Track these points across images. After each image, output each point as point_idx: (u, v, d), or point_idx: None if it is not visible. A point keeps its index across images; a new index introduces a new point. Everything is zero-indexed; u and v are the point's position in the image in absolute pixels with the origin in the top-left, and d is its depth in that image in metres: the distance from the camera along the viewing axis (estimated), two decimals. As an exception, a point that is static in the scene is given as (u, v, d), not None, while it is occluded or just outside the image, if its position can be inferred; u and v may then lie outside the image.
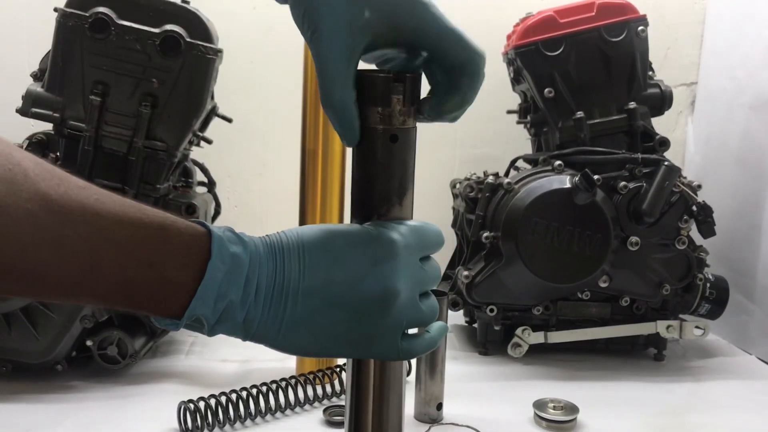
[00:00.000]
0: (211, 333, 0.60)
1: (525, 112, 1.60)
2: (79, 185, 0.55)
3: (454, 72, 0.66)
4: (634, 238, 1.40)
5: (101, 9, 1.24)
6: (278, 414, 1.19)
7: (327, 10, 0.62)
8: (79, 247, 0.53)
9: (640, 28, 1.45)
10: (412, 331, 0.66)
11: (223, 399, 1.14)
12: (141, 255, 0.55)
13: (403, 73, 0.65)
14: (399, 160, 0.66)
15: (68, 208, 0.52)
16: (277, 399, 1.19)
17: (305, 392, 1.22)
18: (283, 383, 1.20)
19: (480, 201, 1.44)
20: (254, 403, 1.16)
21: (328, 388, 1.24)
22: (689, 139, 1.89)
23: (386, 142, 0.65)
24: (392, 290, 0.62)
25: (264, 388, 1.18)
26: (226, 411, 1.13)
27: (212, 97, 1.40)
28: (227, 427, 1.14)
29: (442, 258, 1.61)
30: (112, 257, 0.54)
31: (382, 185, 0.66)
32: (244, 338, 0.62)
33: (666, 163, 1.39)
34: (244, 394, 1.16)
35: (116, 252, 0.54)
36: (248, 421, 1.16)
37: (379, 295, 0.61)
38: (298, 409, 1.21)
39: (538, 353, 1.45)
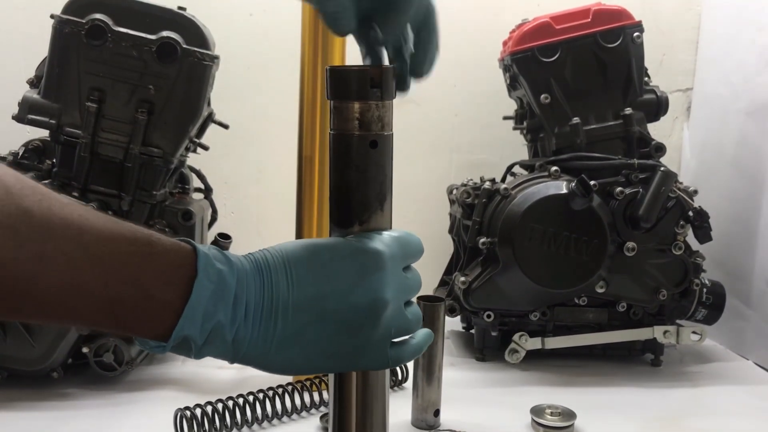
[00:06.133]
0: (198, 355, 0.59)
1: (521, 118, 1.61)
2: (61, 201, 0.54)
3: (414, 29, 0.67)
4: (630, 244, 1.40)
5: (98, 16, 1.25)
6: (275, 421, 1.19)
7: None
8: (63, 264, 0.52)
9: (636, 34, 1.46)
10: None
11: (220, 406, 1.14)
12: (125, 272, 0.54)
13: (378, 66, 0.65)
14: (379, 165, 0.66)
15: (51, 224, 0.51)
16: (273, 406, 1.19)
17: (302, 399, 1.21)
18: (280, 390, 1.20)
19: (477, 207, 1.44)
20: (251, 410, 1.16)
21: (325, 395, 1.24)
22: (685, 144, 1.90)
23: (365, 148, 0.65)
24: (381, 301, 0.62)
25: (261, 395, 1.18)
26: (222, 418, 1.13)
27: (209, 104, 1.40)
28: (224, 434, 1.14)
29: (439, 264, 1.62)
30: (96, 274, 0.53)
31: (362, 192, 0.66)
32: (233, 360, 0.60)
33: (662, 168, 1.40)
34: (240, 401, 1.15)
35: (100, 269, 0.53)
36: (245, 429, 1.16)
37: (368, 306, 0.61)
38: (294, 416, 1.21)
39: (536, 359, 1.45)
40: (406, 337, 0.67)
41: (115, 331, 0.59)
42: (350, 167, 0.66)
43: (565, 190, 1.38)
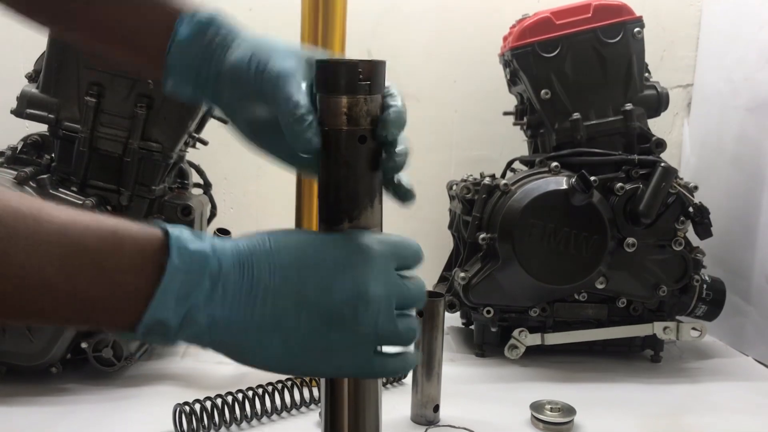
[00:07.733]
0: (173, 339, 0.57)
1: (521, 113, 1.60)
2: (18, 194, 0.52)
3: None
4: (630, 240, 1.40)
5: (97, 10, 1.24)
6: (274, 416, 1.19)
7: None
8: (24, 263, 0.50)
9: (636, 29, 1.45)
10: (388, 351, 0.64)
11: (219, 401, 1.13)
12: (90, 263, 0.53)
13: (367, 60, 0.63)
14: (369, 161, 0.64)
15: (5, 220, 0.50)
16: (273, 401, 1.18)
17: (301, 394, 1.21)
18: (279, 385, 1.20)
19: (476, 202, 1.43)
20: (250, 406, 1.16)
21: (325, 391, 1.24)
22: (685, 140, 1.89)
23: (354, 143, 0.63)
24: (364, 294, 0.60)
25: (260, 391, 1.18)
26: (221, 413, 1.13)
27: (208, 99, 1.39)
28: (223, 429, 1.13)
29: (438, 259, 1.62)
30: (59, 269, 0.51)
31: (352, 188, 0.64)
32: (208, 344, 0.58)
33: (662, 164, 1.39)
34: (240, 396, 1.15)
35: (63, 263, 0.51)
36: (244, 424, 1.15)
37: (350, 299, 0.59)
38: (294, 411, 1.21)
39: (535, 355, 1.45)
40: (398, 350, 0.64)
41: (84, 326, 0.57)
42: (339, 163, 0.64)
43: (565, 186, 1.38)
